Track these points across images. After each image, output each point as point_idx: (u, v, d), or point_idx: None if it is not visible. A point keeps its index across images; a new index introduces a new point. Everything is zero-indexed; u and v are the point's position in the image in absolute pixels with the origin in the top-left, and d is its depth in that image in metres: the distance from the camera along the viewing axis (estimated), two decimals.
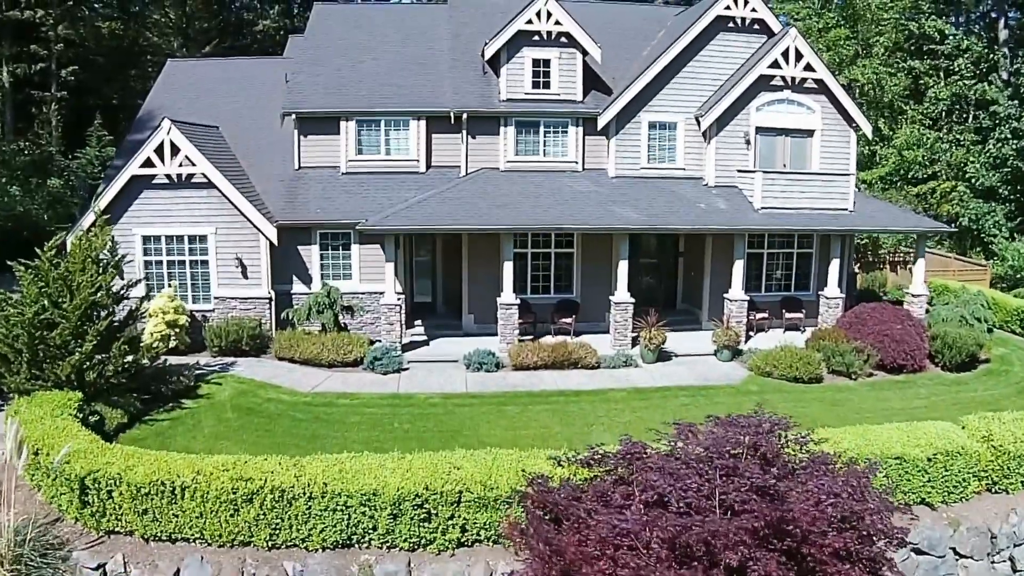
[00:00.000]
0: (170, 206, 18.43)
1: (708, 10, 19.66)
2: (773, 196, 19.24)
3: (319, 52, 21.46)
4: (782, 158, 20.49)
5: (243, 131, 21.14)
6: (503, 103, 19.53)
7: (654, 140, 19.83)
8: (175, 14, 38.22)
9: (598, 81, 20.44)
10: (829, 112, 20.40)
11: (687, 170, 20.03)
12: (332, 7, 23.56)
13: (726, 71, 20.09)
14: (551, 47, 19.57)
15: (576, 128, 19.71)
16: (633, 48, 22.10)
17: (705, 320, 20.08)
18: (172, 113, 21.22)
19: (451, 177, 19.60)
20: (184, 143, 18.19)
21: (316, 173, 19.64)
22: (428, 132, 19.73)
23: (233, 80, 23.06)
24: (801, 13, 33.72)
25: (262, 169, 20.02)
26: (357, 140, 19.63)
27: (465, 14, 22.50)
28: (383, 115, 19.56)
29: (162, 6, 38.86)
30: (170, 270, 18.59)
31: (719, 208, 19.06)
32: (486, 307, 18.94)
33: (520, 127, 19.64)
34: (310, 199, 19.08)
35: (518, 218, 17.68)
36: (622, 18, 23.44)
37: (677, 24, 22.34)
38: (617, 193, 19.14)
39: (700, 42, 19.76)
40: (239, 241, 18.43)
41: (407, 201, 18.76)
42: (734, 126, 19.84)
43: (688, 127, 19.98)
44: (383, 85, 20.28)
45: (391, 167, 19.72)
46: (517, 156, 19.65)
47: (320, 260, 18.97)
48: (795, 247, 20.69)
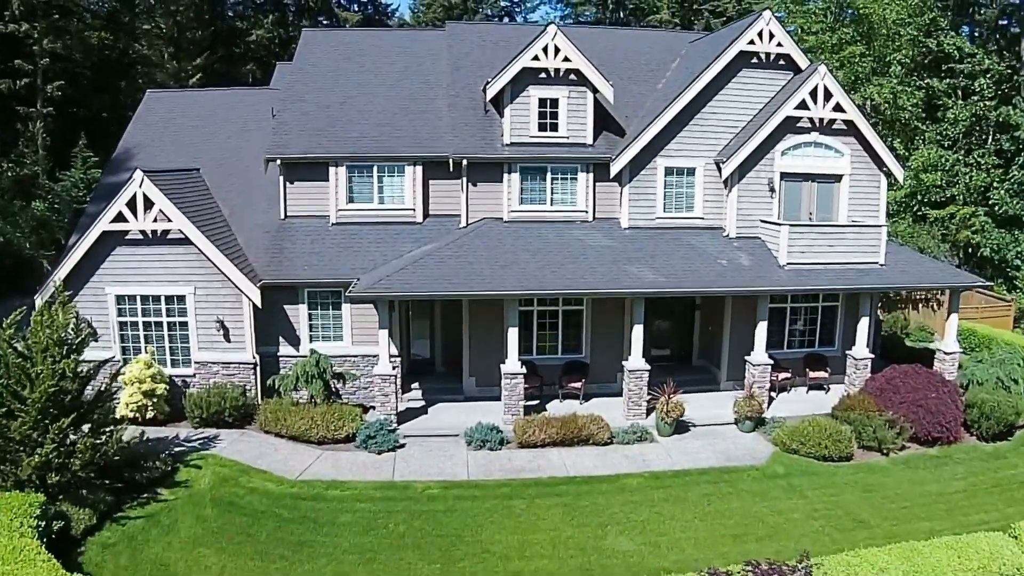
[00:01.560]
0: (145, 264, 16.27)
1: (730, 46, 17.41)
2: (800, 251, 17.13)
3: (307, 86, 19.14)
4: (808, 206, 18.41)
5: (226, 172, 18.95)
6: (507, 147, 17.30)
7: (671, 187, 17.65)
8: (166, 24, 35.78)
9: (610, 121, 18.18)
10: (859, 155, 18.24)
11: (706, 219, 17.88)
12: (321, 34, 21.28)
13: (749, 111, 17.88)
14: (559, 85, 17.30)
15: (586, 174, 17.50)
16: (646, 80, 19.87)
17: (723, 380, 18.08)
18: (150, 151, 19.23)
19: (450, 228, 17.46)
20: (158, 196, 16.01)
21: (304, 223, 17.46)
22: (425, 178, 17.56)
23: (216, 113, 20.76)
24: (814, 28, 31.44)
25: (245, 217, 17.86)
26: (348, 187, 17.44)
27: (465, 43, 20.19)
28: (376, 160, 17.32)
29: (153, 16, 36.40)
30: (147, 332, 16.48)
31: (742, 265, 17.03)
32: (488, 368, 16.91)
33: (525, 173, 17.42)
34: (297, 254, 16.93)
35: (524, 281, 15.53)
36: (632, 46, 21.08)
37: (693, 54, 20.13)
38: (631, 248, 17.06)
39: (721, 80, 17.51)
40: (220, 302, 16.29)
41: (402, 257, 16.64)
42: (757, 172, 17.68)
43: (708, 173, 17.80)
44: (376, 126, 18.03)
45: (385, 217, 17.55)
46: (522, 205, 17.46)
47: (309, 320, 16.84)
48: (820, 301, 18.56)
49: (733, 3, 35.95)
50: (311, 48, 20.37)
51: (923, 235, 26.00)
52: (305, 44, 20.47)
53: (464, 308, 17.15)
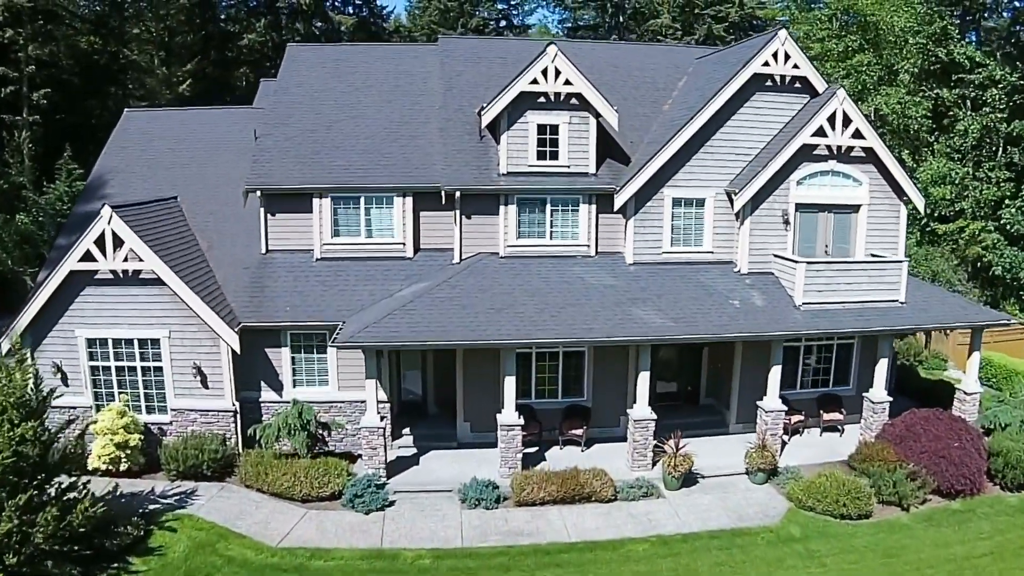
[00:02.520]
0: (116, 305, 14.67)
1: (743, 68, 15.72)
2: (817, 290, 15.55)
3: (290, 108, 17.38)
4: (824, 238, 16.85)
5: (205, 199, 17.24)
6: (503, 178, 15.60)
7: (679, 219, 16.01)
8: (156, 29, 33.87)
9: (613, 147, 16.46)
10: (878, 184, 16.59)
11: (716, 253, 16.25)
12: (307, 50, 19.39)
13: (762, 137, 16.18)
14: (560, 111, 15.58)
15: (589, 205, 15.82)
16: (651, 101, 18.14)
17: (733, 421, 16.57)
18: (125, 177, 17.58)
19: (442, 263, 15.82)
20: (128, 234, 14.35)
21: (286, 258, 15.78)
22: (415, 210, 15.87)
23: (196, 134, 18.97)
24: (820, 34, 29.71)
25: (225, 251, 16.19)
26: (333, 220, 15.76)
27: (458, 60, 18.38)
28: (363, 191, 15.64)
29: (142, 20, 34.45)
30: (120, 377, 14.93)
31: (755, 305, 15.44)
32: (484, 412, 15.34)
33: (523, 205, 15.73)
34: (279, 293, 15.27)
35: (521, 328, 13.92)
36: (636, 63, 19.26)
37: (701, 73, 18.39)
38: (636, 286, 15.46)
39: (733, 104, 15.81)
40: (196, 347, 14.70)
41: (392, 296, 15.02)
42: (771, 203, 16.04)
43: (718, 203, 16.13)
44: (363, 153, 16.32)
45: (373, 251, 15.87)
46: (520, 239, 15.77)
47: (292, 364, 15.26)
48: (835, 339, 16.88)
49: (736, 8, 34.18)
50: (296, 65, 18.62)
51: (936, 258, 24.44)
52: (290, 60, 18.70)
53: (457, 349, 15.65)
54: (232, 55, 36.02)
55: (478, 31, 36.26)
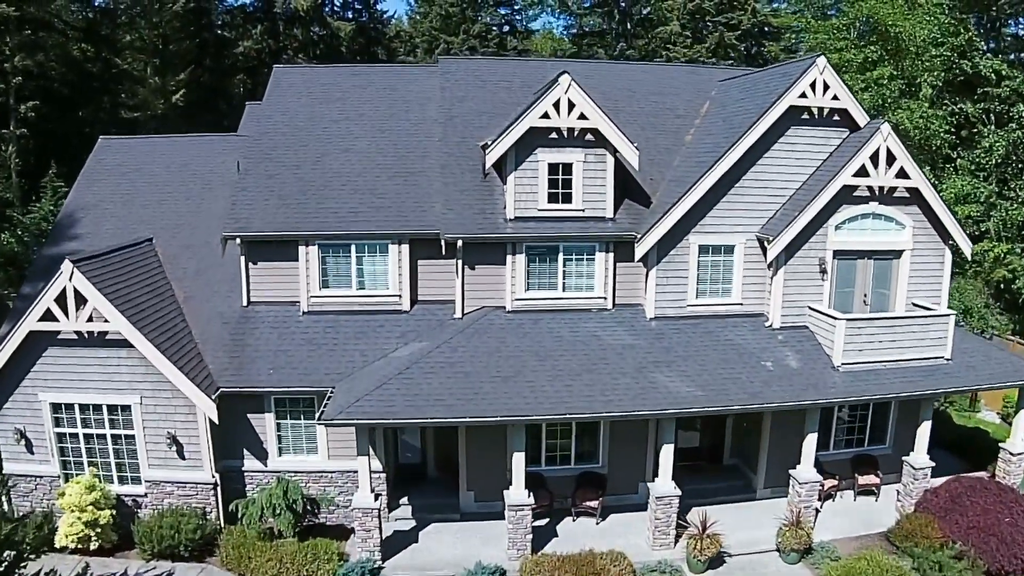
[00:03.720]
0: (82, 368, 12.61)
1: (778, 100, 13.40)
2: (857, 348, 13.42)
3: (275, 140, 15.06)
4: (862, 287, 14.74)
5: (183, 240, 15.02)
6: (511, 224, 13.37)
7: (705, 269, 13.82)
8: (150, 36, 31.41)
9: (632, 186, 14.21)
10: (922, 227, 14.35)
11: (745, 305, 14.05)
12: (295, 73, 16.96)
13: (797, 176, 13.96)
14: (574, 148, 13.35)
15: (605, 254, 13.62)
16: (672, 130, 15.78)
17: (760, 486, 14.49)
18: (97, 215, 15.35)
19: (442, 318, 13.65)
20: (91, 292, 12.17)
21: (270, 312, 13.64)
22: (412, 258, 13.70)
23: (177, 164, 16.58)
24: (838, 45, 27.27)
25: (203, 303, 14.01)
26: (321, 270, 13.59)
27: (460, 84, 16.02)
28: (354, 238, 13.45)
29: (135, 28, 31.93)
30: (89, 445, 12.89)
31: (790, 367, 13.36)
32: (489, 480, 13.32)
33: (533, 254, 13.52)
34: (261, 352, 13.13)
35: (532, 400, 11.76)
36: (654, 86, 16.84)
37: (725, 99, 15.99)
38: (659, 346, 13.34)
39: (767, 140, 13.56)
40: (171, 414, 12.64)
41: (386, 357, 12.89)
42: (807, 251, 13.87)
43: (748, 250, 13.92)
44: (354, 193, 14.09)
45: (365, 304, 13.71)
46: (529, 292, 13.60)
47: (277, 431, 13.18)
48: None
49: (748, 16, 31.70)
50: (282, 89, 16.26)
51: (968, 291, 22.30)
52: (276, 85, 16.31)
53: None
54: (228, 62, 33.58)
55: (481, 37, 33.86)
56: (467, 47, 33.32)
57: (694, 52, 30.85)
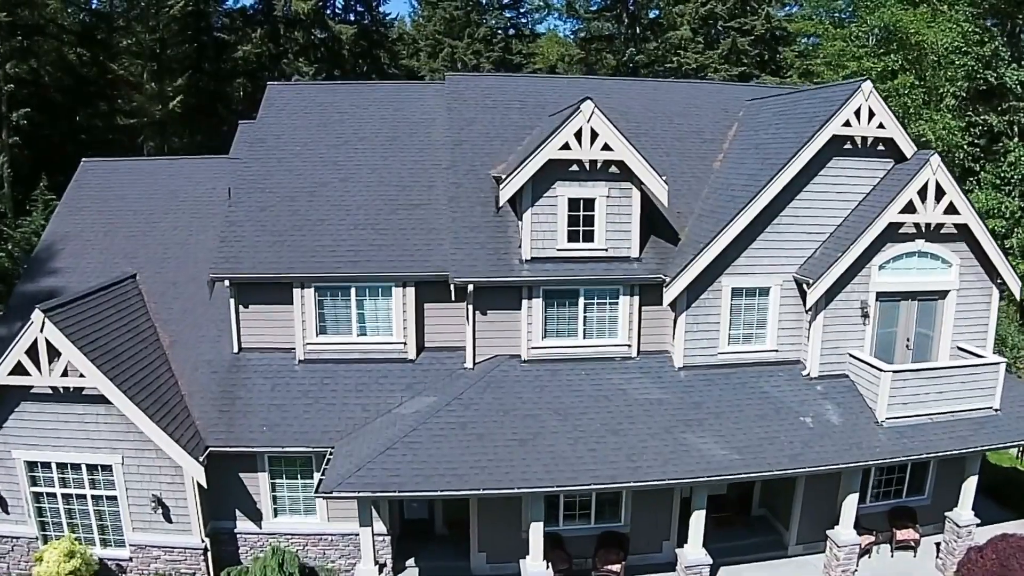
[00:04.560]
0: (59, 425, 11.12)
1: (820, 129, 11.69)
2: (902, 402, 11.81)
3: (268, 166, 13.40)
4: (905, 330, 13.18)
5: (170, 277, 13.39)
6: (527, 265, 11.76)
7: (738, 313, 12.22)
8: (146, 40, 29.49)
9: (659, 221, 12.59)
10: (969, 265, 12.72)
11: (780, 352, 12.46)
12: (290, 90, 15.21)
13: (839, 211, 12.28)
14: (596, 181, 11.69)
15: (630, 297, 12.05)
16: (699, 155, 14.05)
17: (792, 542, 12.78)
18: (78, 246, 13.67)
19: (452, 367, 12.07)
20: (65, 345, 10.62)
21: (262, 360, 12.05)
22: (419, 301, 12.10)
23: (164, 190, 14.85)
24: (858, 53, 25.56)
25: (190, 348, 12.39)
26: (318, 315, 12.01)
27: (468, 103, 14.32)
28: (354, 281, 11.84)
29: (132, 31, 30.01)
30: (69, 505, 11.41)
31: (830, 423, 11.82)
32: (503, 541, 11.73)
33: (551, 298, 11.91)
34: (254, 406, 11.55)
35: (552, 467, 10.22)
36: (677, 106, 15.09)
37: (754, 122, 14.28)
38: (689, 401, 11.74)
39: (807, 172, 11.91)
40: (155, 475, 11.14)
41: (390, 414, 11.29)
42: (848, 294, 12.23)
43: (785, 292, 12.29)
44: (354, 229, 12.44)
45: (367, 352, 12.12)
46: (546, 339, 11.99)
47: (272, 491, 11.64)
48: None
49: (761, 21, 29.88)
50: (277, 109, 14.54)
51: (1002, 320, 20.74)
52: (270, 103, 14.57)
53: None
54: (227, 67, 31.70)
55: (486, 41, 32.04)
56: (472, 51, 31.52)
57: (706, 58, 29.11)
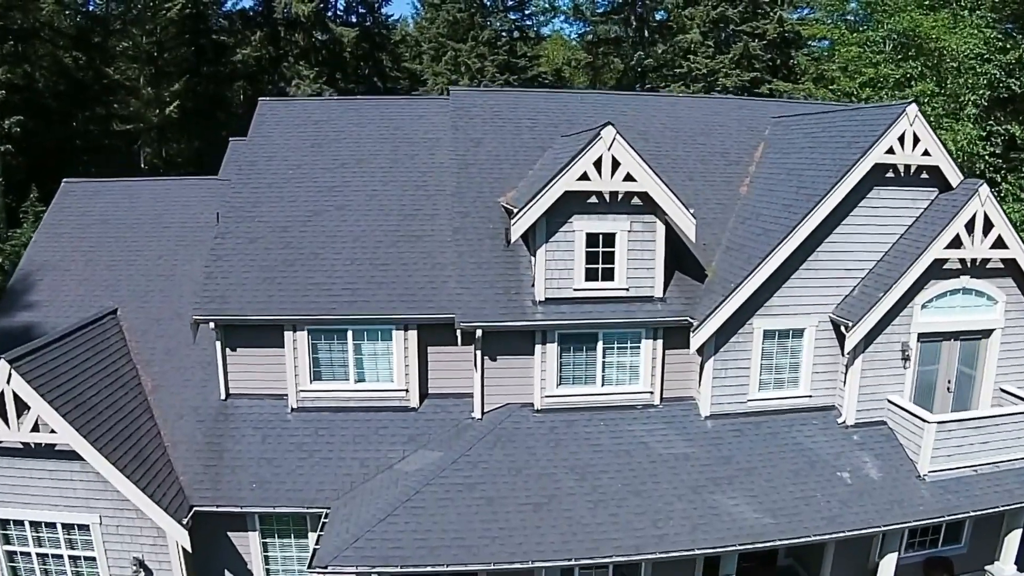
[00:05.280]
0: (31, 482, 9.86)
1: (862, 158, 10.29)
2: (946, 454, 10.47)
3: (258, 192, 12.02)
4: (946, 372, 11.81)
5: (152, 312, 12.02)
6: (541, 307, 10.38)
7: (770, 356, 10.88)
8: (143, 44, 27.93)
9: (684, 255, 11.21)
10: (1015, 301, 11.34)
11: (814, 397, 11.13)
12: (283, 106, 13.70)
13: (879, 245, 10.91)
14: (617, 214, 10.30)
15: (653, 341, 10.73)
16: (723, 179, 12.64)
17: None
18: (56, 277, 12.36)
19: (458, 416, 10.73)
20: (34, 398, 9.34)
21: (252, 408, 10.74)
22: (421, 345, 10.77)
23: (148, 215, 13.42)
24: (875, 59, 24.12)
25: (175, 393, 11.04)
26: (312, 359, 10.68)
27: (474, 124, 12.88)
28: (350, 323, 10.52)
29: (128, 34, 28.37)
30: (45, 565, 10.13)
31: (869, 478, 10.43)
32: None
33: (567, 343, 10.57)
34: (242, 460, 10.25)
35: (569, 535, 8.94)
36: (699, 124, 13.65)
37: (782, 142, 12.87)
38: (717, 455, 10.38)
39: (846, 204, 10.51)
40: (136, 536, 9.83)
41: (392, 469, 10.04)
42: (888, 335, 10.85)
43: (820, 333, 10.98)
44: (351, 265, 11.07)
45: (366, 400, 10.79)
46: (561, 387, 10.65)
47: (264, 551, 10.39)
48: None
49: (774, 25, 28.37)
50: (269, 127, 13.10)
51: None
52: (261, 121, 13.12)
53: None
54: (226, 70, 30.18)
55: (490, 44, 30.52)
56: (475, 54, 30.02)
57: (716, 63, 27.63)
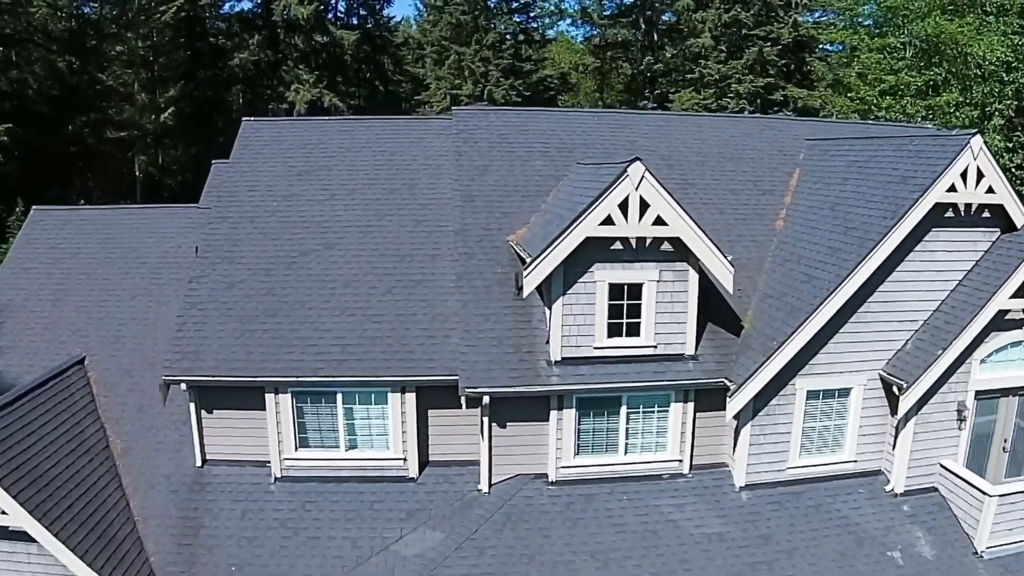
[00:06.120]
0: None
1: (922, 197, 8.62)
2: (1007, 527, 9.05)
3: (239, 228, 10.31)
4: (1002, 431, 10.32)
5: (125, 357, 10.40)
6: (557, 368, 8.76)
7: (813, 419, 9.28)
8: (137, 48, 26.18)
9: (716, 303, 9.51)
10: None
11: (859, 461, 9.59)
12: (268, 127, 11.79)
13: (935, 293, 9.29)
14: (645, 262, 8.67)
15: (683, 403, 9.15)
16: (756, 209, 10.91)
17: None
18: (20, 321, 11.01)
19: (462, 488, 9.09)
20: None
21: (231, 477, 9.15)
22: (422, 408, 9.18)
23: (120, 249, 11.69)
24: (897, 65, 22.37)
25: (146, 456, 9.41)
26: (297, 425, 9.09)
27: (480, 150, 11.13)
28: (340, 386, 8.95)
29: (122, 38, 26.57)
30: None
31: (922, 558, 8.86)
32: None
33: (585, 408, 9.00)
34: (220, 540, 8.65)
35: None
36: (726, 147, 11.87)
37: (824, 170, 11.10)
38: (755, 534, 8.76)
39: (903, 248, 8.89)
40: None
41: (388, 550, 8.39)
42: (944, 394, 9.24)
43: (869, 391, 9.41)
44: (341, 315, 9.41)
45: (358, 469, 9.18)
46: (579, 456, 9.06)
47: None
48: None
49: (788, 29, 26.52)
50: (253, 152, 11.30)
51: None
52: (245, 145, 11.35)
53: None
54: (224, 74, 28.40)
55: (494, 48, 28.74)
56: (480, 58, 28.25)
57: (729, 68, 25.88)
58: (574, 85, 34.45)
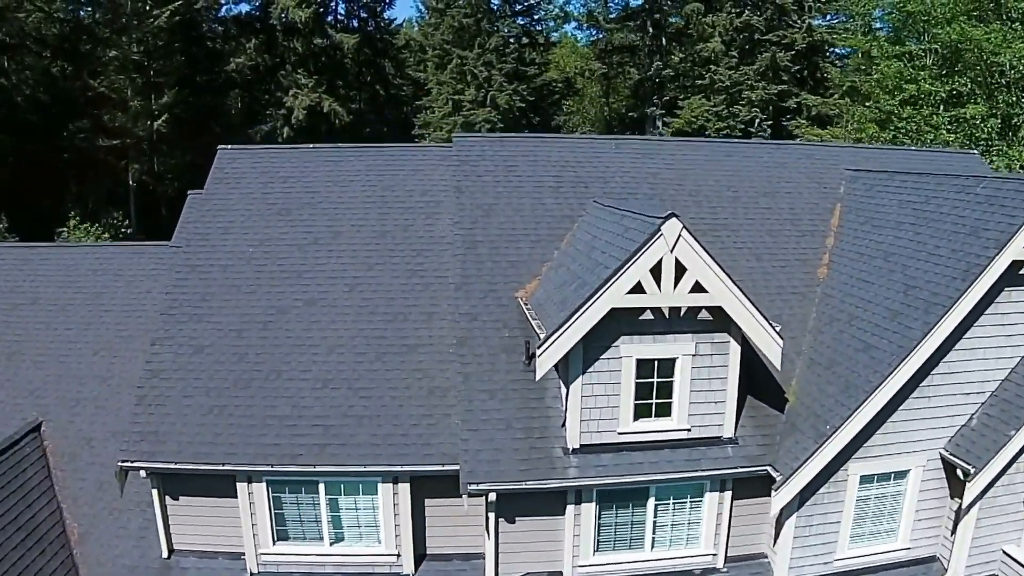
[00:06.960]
0: None
1: (999, 254, 6.99)
2: None
3: (211, 276, 8.71)
4: None
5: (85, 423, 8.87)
6: (574, 458, 7.17)
7: (866, 505, 7.73)
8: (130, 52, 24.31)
9: (757, 374, 7.84)
10: None
11: (913, 548, 8.09)
12: (247, 156, 10.07)
13: (1004, 360, 7.67)
14: (679, 334, 7.04)
15: (719, 493, 7.56)
16: (795, 253, 9.25)
17: None
18: None
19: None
20: None
21: (202, 571, 7.54)
22: (416, 498, 7.59)
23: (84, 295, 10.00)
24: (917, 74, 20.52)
25: (105, 544, 7.98)
26: (274, 515, 7.53)
27: (484, 184, 9.43)
28: (321, 476, 7.38)
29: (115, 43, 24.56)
30: None
31: None
32: None
33: (607, 501, 7.41)
34: None
35: None
36: (760, 181, 10.14)
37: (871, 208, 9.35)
38: None
39: (973, 313, 7.25)
40: None
41: None
42: (1011, 475, 7.78)
43: (928, 472, 7.82)
44: (324, 388, 7.76)
45: (345, 565, 7.60)
46: (600, 553, 7.49)
47: None
48: None
49: (802, 34, 24.56)
50: (229, 185, 9.62)
51: None
52: (220, 178, 9.66)
53: None
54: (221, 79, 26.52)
55: (498, 51, 26.83)
56: (482, 62, 26.36)
57: (740, 74, 24.01)
58: (579, 90, 32.54)
